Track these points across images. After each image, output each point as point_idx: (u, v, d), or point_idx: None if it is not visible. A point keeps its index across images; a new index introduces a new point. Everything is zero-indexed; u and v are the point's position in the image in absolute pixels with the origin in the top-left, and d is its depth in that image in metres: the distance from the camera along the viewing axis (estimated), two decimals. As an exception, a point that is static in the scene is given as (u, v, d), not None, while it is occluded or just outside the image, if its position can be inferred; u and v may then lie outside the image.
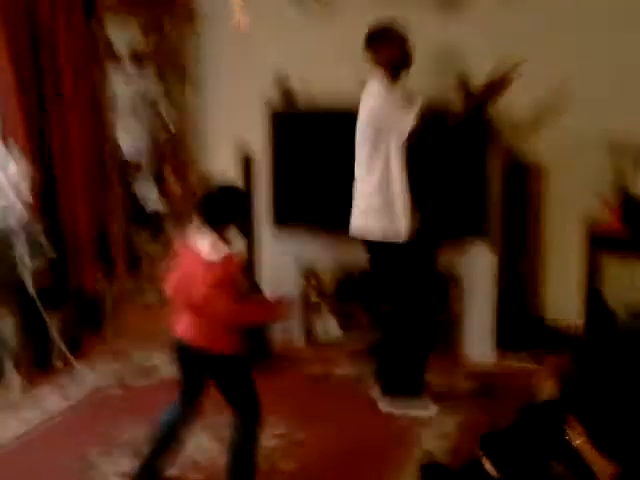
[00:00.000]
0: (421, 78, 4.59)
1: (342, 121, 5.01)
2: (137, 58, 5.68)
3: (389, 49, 4.25)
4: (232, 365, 3.32)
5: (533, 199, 5.09)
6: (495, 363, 4.92)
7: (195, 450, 3.87)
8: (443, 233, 4.69)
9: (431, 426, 4.15)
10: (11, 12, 4.83)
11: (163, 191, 5.80)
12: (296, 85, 5.24)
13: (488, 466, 3.25)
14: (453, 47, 4.94)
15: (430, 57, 4.83)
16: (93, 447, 3.90)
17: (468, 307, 4.99)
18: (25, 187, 4.67)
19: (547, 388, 3.62)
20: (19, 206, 4.66)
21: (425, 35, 4.62)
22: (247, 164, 5.31)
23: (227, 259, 3.19)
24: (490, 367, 4.89)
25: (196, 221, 3.26)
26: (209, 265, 3.16)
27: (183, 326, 3.29)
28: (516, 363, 4.88)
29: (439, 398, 4.42)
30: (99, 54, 5.48)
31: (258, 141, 5.27)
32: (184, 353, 3.32)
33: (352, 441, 4.01)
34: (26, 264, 4.58)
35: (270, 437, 4.00)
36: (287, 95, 5.21)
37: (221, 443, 3.92)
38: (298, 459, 3.82)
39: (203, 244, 3.20)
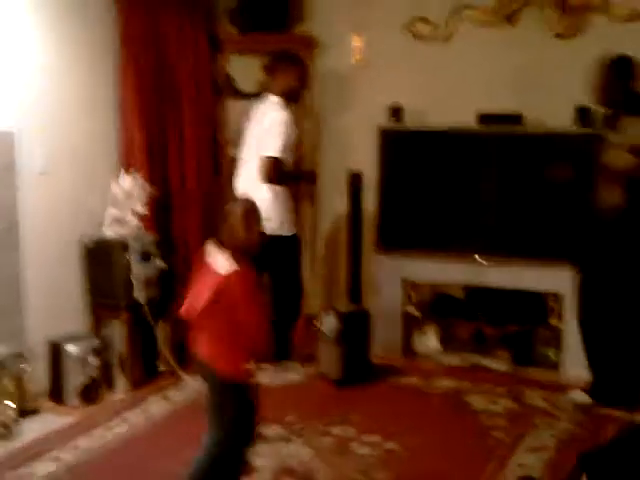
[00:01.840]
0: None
1: (448, 141, 5.16)
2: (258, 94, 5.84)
3: (287, 77, 4.91)
4: (233, 392, 3.16)
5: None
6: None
7: (289, 456, 3.93)
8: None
9: (526, 440, 4.08)
10: (139, 50, 5.09)
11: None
12: (410, 117, 5.35)
13: (586, 485, 3.16)
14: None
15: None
16: (193, 451, 3.98)
17: (572, 324, 4.87)
18: (139, 200, 4.86)
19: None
20: (133, 217, 4.86)
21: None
22: (356, 185, 5.40)
23: (235, 274, 3.02)
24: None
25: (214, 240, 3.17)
26: (216, 276, 3.04)
27: (199, 344, 3.16)
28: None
29: (538, 412, 4.39)
30: (220, 90, 5.71)
31: (368, 169, 5.37)
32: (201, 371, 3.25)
33: (446, 453, 3.98)
34: (137, 273, 4.75)
35: (365, 446, 4.03)
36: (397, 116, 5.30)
37: (315, 450, 3.98)
38: (392, 469, 3.80)
39: (218, 259, 3.07)
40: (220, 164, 5.78)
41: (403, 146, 5.34)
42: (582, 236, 4.51)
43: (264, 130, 4.88)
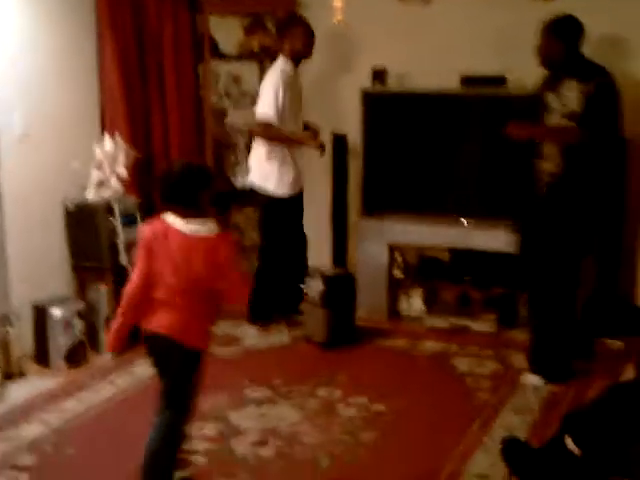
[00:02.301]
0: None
1: (432, 103, 5.13)
2: (240, 55, 5.84)
3: (295, 40, 5.00)
4: (199, 360, 3.15)
5: (632, 182, 4.90)
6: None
7: (275, 418, 3.95)
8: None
9: (511, 402, 4.12)
10: (118, 12, 5.03)
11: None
12: (393, 79, 5.33)
13: (570, 444, 3.19)
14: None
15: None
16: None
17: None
18: (122, 163, 4.82)
19: (631, 369, 3.54)
20: (116, 180, 4.82)
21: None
22: (341, 148, 5.38)
23: (223, 233, 3.06)
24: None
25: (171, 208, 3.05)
26: (200, 242, 3.00)
27: (165, 320, 3.07)
28: (602, 344, 4.80)
29: (522, 373, 4.43)
30: (203, 52, 5.64)
31: (352, 131, 5.37)
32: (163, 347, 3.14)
33: (432, 414, 4.01)
34: (120, 235, 4.73)
35: (351, 407, 4.06)
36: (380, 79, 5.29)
37: (302, 411, 4.00)
38: (378, 429, 3.83)
39: (192, 227, 3.01)
40: (204, 126, 5.73)
41: (387, 109, 5.31)
42: (522, 200, 4.49)
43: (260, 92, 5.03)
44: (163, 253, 3.03)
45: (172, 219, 3.04)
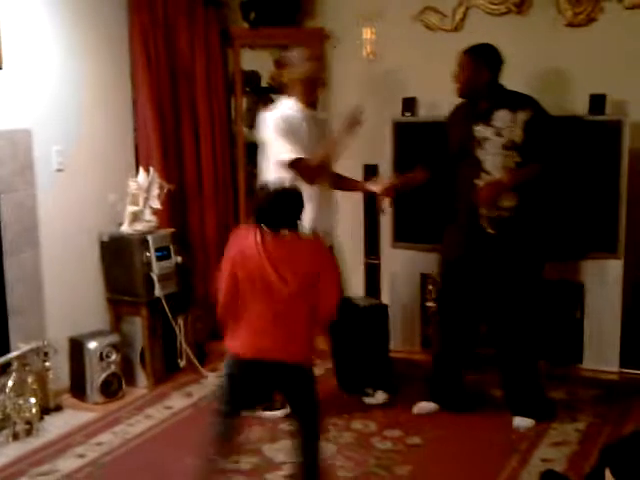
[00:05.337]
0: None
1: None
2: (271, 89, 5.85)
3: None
4: (311, 376, 3.20)
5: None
6: (619, 373, 4.79)
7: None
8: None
9: (549, 434, 4.07)
10: (151, 47, 5.11)
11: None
12: (424, 108, 5.32)
13: (610, 477, 3.14)
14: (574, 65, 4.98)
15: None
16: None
17: (593, 317, 4.85)
18: (156, 196, 4.87)
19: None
20: (149, 213, 4.87)
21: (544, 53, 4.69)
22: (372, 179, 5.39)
23: (318, 239, 3.09)
24: (613, 377, 4.77)
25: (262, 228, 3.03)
26: (298, 249, 2.98)
27: (269, 342, 3.02)
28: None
29: (560, 405, 4.38)
30: (235, 87, 5.68)
31: (383, 161, 5.36)
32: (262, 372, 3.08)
33: (467, 446, 3.98)
34: (154, 268, 4.76)
35: (386, 440, 4.05)
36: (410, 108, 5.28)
37: (336, 445, 4.00)
38: (414, 463, 3.81)
39: (285, 238, 2.98)
40: (236, 158, 5.77)
41: (417, 138, 5.30)
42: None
43: None
44: (250, 271, 2.98)
45: (259, 237, 2.99)
